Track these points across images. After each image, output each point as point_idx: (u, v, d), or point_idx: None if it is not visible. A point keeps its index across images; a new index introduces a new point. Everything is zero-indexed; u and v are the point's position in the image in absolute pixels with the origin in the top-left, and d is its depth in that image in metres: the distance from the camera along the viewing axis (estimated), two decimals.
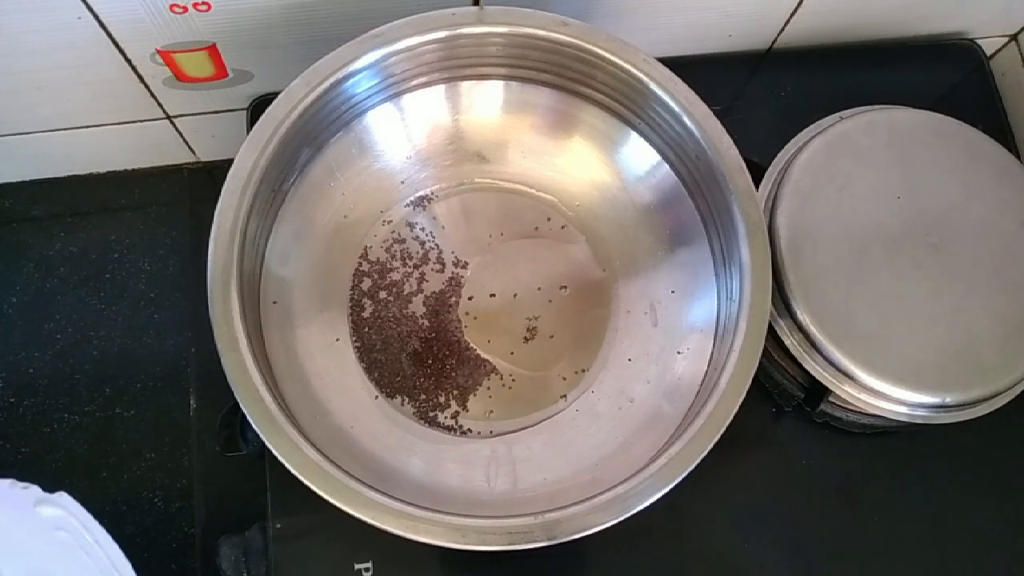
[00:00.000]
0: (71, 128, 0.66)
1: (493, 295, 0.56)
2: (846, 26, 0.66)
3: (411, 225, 0.57)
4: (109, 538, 0.47)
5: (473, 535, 0.43)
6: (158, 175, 0.75)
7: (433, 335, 0.55)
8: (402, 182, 0.57)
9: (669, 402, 0.52)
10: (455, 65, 0.54)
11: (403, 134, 0.57)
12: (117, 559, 0.47)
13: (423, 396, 0.53)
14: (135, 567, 0.48)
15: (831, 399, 0.54)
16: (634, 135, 0.56)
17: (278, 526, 0.52)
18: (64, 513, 0.47)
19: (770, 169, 0.56)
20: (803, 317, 0.51)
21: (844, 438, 0.58)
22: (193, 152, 0.74)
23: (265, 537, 0.53)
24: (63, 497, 0.47)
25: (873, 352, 0.51)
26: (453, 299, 0.55)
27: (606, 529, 0.43)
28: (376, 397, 0.53)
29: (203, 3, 0.53)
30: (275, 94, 0.49)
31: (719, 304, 0.52)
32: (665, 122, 0.52)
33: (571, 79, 0.55)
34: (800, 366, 0.52)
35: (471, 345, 0.54)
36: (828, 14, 0.65)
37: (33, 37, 0.54)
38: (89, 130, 0.67)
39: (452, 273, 0.56)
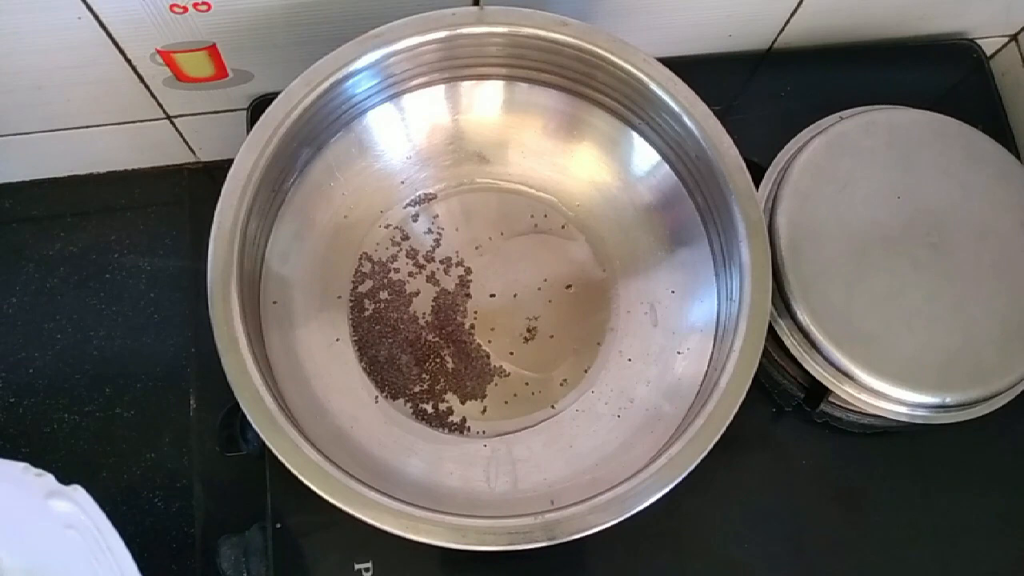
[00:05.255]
0: (71, 128, 0.66)
1: (493, 295, 0.56)
2: (846, 26, 0.66)
3: (411, 225, 0.57)
4: (122, 545, 0.43)
5: (473, 535, 0.43)
6: (158, 175, 0.75)
7: (433, 335, 0.54)
8: (402, 182, 0.57)
9: (669, 402, 0.52)
10: (455, 65, 0.54)
11: (403, 134, 0.57)
12: (129, 571, 0.42)
13: (423, 396, 0.53)
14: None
15: (831, 399, 0.54)
16: (634, 135, 0.56)
17: (278, 526, 0.52)
18: (77, 510, 0.42)
19: (770, 169, 0.56)
20: (803, 317, 0.51)
21: (844, 438, 0.58)
22: (193, 152, 0.74)
23: (265, 537, 0.53)
24: (78, 492, 0.43)
25: (873, 352, 0.51)
26: (453, 299, 0.55)
27: (606, 529, 0.43)
28: (376, 397, 0.53)
29: (203, 3, 0.53)
30: (275, 94, 0.49)
31: (719, 304, 0.52)
32: (665, 122, 0.53)
33: (571, 79, 0.55)
34: (800, 366, 0.52)
35: (471, 345, 0.54)
36: (828, 14, 0.65)
37: (33, 37, 0.54)
38: (89, 130, 0.67)
39: (452, 273, 0.56)
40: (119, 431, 0.70)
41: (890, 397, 0.51)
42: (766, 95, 0.66)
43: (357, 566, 0.52)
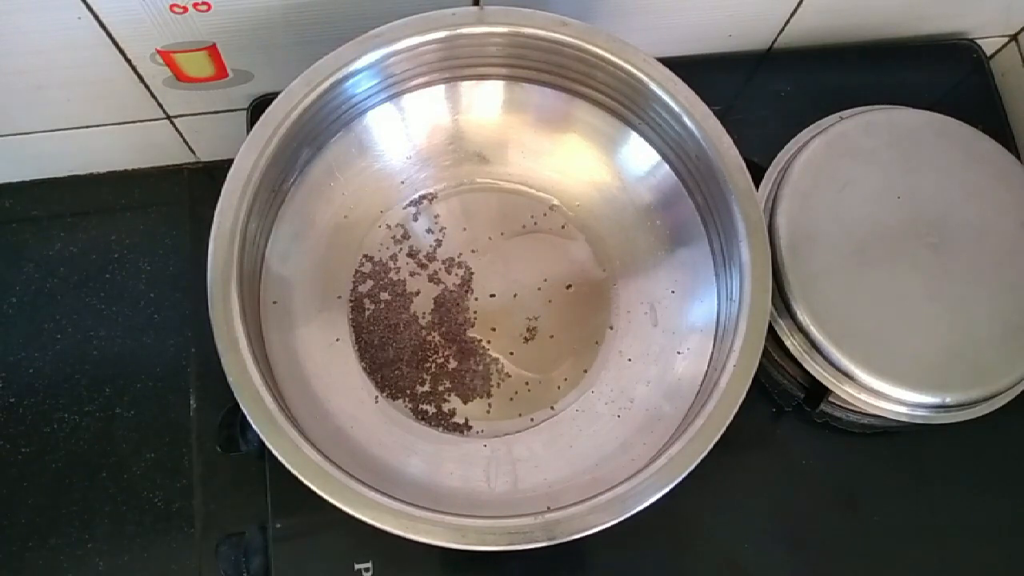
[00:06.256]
0: (71, 128, 0.66)
1: (493, 295, 0.56)
2: (846, 26, 0.66)
3: (411, 225, 0.57)
4: None
5: (473, 535, 0.43)
6: (158, 175, 0.75)
7: (433, 335, 0.54)
8: (402, 182, 0.57)
9: (669, 402, 0.52)
10: (455, 65, 0.54)
11: (403, 134, 0.57)
12: None
13: (423, 396, 0.53)
14: (135, 567, 0.47)
15: (831, 399, 0.54)
16: (634, 135, 0.56)
17: (278, 526, 0.53)
18: None
19: (770, 169, 0.56)
20: (803, 317, 0.51)
21: (844, 438, 0.58)
22: (193, 152, 0.74)
23: (265, 537, 0.53)
24: None
25: (873, 352, 0.51)
26: (453, 299, 0.55)
27: (606, 529, 0.43)
28: (376, 397, 0.53)
29: (203, 3, 0.53)
30: (275, 94, 0.49)
31: (719, 304, 0.52)
32: (665, 122, 0.52)
33: (571, 79, 0.55)
34: (800, 366, 0.52)
35: (471, 345, 0.54)
36: (828, 14, 0.65)
37: (33, 37, 0.54)
38: (89, 130, 0.67)
39: (452, 273, 0.56)
40: (119, 431, 0.70)
41: (890, 397, 0.51)
42: (766, 95, 0.66)
43: (357, 566, 0.52)
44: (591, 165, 0.58)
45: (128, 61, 0.58)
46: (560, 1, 0.57)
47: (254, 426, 0.44)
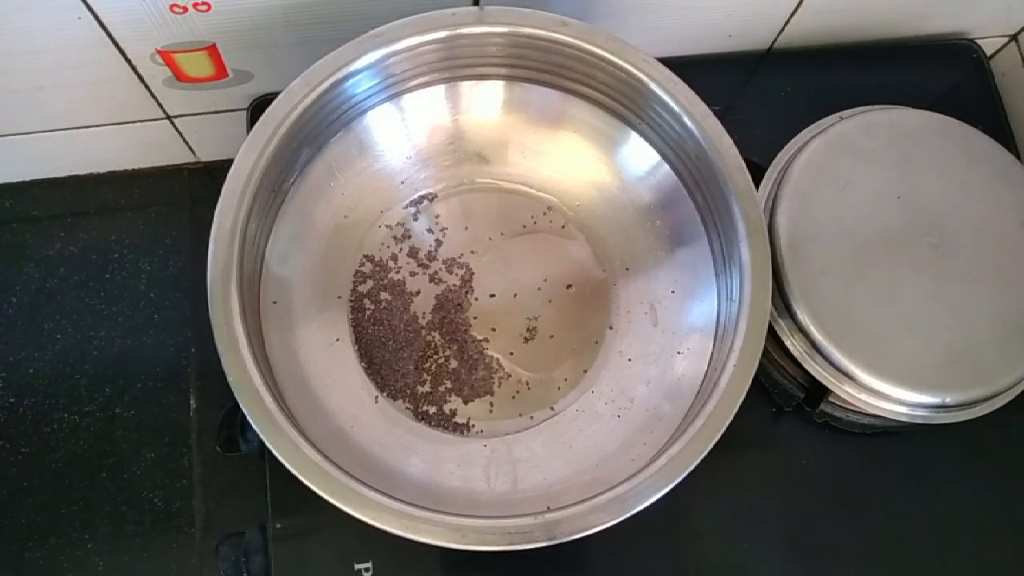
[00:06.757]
0: (71, 128, 0.66)
1: (493, 295, 0.56)
2: (846, 26, 0.66)
3: (411, 225, 0.57)
4: None
5: (473, 535, 0.43)
6: (158, 175, 0.75)
7: (433, 335, 0.54)
8: (402, 182, 0.57)
9: (669, 402, 0.52)
10: (455, 65, 0.54)
11: (403, 134, 0.57)
12: None
13: (423, 396, 0.53)
14: (135, 567, 0.47)
15: (831, 399, 0.54)
16: (634, 135, 0.56)
17: (278, 526, 0.53)
18: None
19: (770, 169, 0.56)
20: (803, 317, 0.51)
21: (844, 438, 0.58)
22: (193, 152, 0.74)
23: (265, 537, 0.53)
24: None
25: (873, 352, 0.51)
26: (453, 299, 0.55)
27: (606, 529, 0.43)
28: (376, 397, 0.53)
29: (203, 3, 0.53)
30: (275, 94, 0.49)
31: (719, 304, 0.52)
32: (665, 122, 0.52)
33: (571, 79, 0.55)
34: (800, 366, 0.52)
35: (471, 345, 0.54)
36: (828, 14, 0.65)
37: (33, 37, 0.54)
38: (89, 130, 0.67)
39: (452, 273, 0.56)
40: (119, 431, 0.70)
41: (890, 397, 0.51)
42: (766, 95, 0.66)
43: (357, 566, 0.52)
44: (591, 165, 0.58)
45: (128, 61, 0.58)
46: (560, 1, 0.57)
47: (254, 426, 0.44)
